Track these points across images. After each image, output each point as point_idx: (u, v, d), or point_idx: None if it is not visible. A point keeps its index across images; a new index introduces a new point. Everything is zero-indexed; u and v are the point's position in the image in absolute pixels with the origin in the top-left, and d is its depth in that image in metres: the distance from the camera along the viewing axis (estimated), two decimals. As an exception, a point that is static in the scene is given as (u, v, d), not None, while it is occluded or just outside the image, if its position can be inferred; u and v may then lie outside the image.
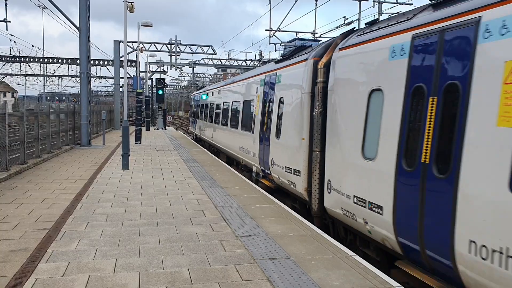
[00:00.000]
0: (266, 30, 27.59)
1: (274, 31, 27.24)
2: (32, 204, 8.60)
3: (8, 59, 48.42)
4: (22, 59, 48.89)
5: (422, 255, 5.15)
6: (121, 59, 37.17)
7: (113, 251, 5.87)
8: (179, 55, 41.85)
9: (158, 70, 47.41)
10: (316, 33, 28.07)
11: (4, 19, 30.80)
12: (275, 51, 29.03)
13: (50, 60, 49.24)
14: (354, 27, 9.67)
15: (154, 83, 39.58)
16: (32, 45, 51.32)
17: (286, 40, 28.01)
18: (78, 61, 33.19)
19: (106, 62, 46.31)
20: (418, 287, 5.52)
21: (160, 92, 35.01)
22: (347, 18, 24.78)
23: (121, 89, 38.36)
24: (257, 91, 12.88)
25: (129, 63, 42.58)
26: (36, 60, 49.11)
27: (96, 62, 46.37)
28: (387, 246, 5.98)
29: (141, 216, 7.81)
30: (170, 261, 5.50)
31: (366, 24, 7.63)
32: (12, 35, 42.66)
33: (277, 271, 5.19)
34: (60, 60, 49.05)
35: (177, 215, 7.89)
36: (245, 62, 45.90)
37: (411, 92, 5.44)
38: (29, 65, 53.35)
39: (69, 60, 48.47)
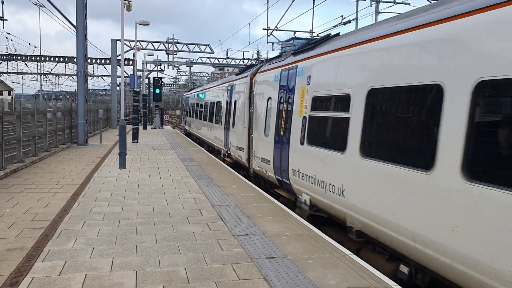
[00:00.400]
0: (263, 29, 27.56)
1: (271, 30, 27.22)
2: (29, 203, 8.58)
3: (4, 57, 48.27)
4: (19, 57, 48.78)
5: (283, 182, 9.58)
6: (118, 57, 37.09)
7: (110, 250, 5.87)
8: (176, 54, 41.76)
9: (156, 68, 47.30)
10: (314, 32, 28.08)
11: (1, 17, 30.70)
12: (273, 50, 29.00)
13: (47, 59, 49.14)
14: (274, 56, 13.81)
15: (152, 81, 39.49)
16: (29, 43, 51.36)
17: (284, 39, 27.94)
18: (75, 60, 33.10)
19: (103, 61, 46.22)
20: (287, 201, 9.57)
21: (157, 90, 34.93)
22: (345, 18, 24.79)
23: (118, 88, 38.27)
24: (224, 95, 17.67)
25: (126, 62, 42.51)
26: (33, 58, 48.98)
27: (93, 60, 46.29)
28: (274, 183, 10.49)
29: (138, 215, 7.81)
30: (167, 260, 5.50)
31: (274, 57, 12.43)
32: (8, 33, 42.67)
33: (274, 270, 5.20)
34: (57, 59, 48.93)
35: (174, 214, 7.89)
36: (243, 61, 45.79)
37: (279, 99, 10.07)
38: (26, 64, 53.27)
39: (66, 59, 48.38)
